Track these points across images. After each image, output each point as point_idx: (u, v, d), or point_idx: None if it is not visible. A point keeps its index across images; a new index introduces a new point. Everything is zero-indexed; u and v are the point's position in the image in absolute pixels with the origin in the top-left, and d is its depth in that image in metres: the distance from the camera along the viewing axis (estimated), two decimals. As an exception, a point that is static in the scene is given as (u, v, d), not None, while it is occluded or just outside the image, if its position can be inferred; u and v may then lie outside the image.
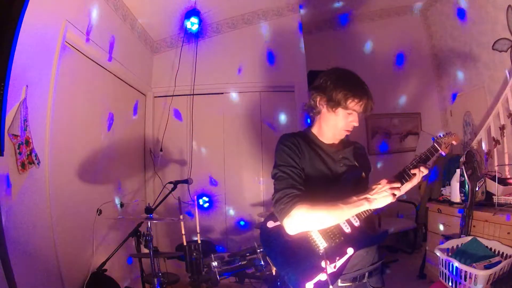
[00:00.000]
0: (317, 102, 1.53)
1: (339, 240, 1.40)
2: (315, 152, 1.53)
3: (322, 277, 1.34)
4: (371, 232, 1.46)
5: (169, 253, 3.40)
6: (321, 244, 1.40)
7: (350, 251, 1.39)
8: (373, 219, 1.58)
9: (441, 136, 1.62)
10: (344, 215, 1.35)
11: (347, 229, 1.40)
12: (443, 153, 1.60)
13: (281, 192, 1.38)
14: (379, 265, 1.53)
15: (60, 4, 2.47)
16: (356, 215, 1.40)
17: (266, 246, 1.50)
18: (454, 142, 1.62)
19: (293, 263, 1.39)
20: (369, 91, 1.52)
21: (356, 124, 1.52)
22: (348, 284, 1.44)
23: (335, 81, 1.50)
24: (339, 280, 1.41)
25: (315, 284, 1.34)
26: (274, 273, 1.49)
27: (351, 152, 1.59)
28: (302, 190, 1.39)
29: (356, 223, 1.42)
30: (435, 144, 1.58)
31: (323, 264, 1.34)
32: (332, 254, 1.38)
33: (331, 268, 1.36)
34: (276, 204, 1.38)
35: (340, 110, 1.48)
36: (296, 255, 1.39)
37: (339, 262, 1.37)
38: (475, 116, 4.44)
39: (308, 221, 1.33)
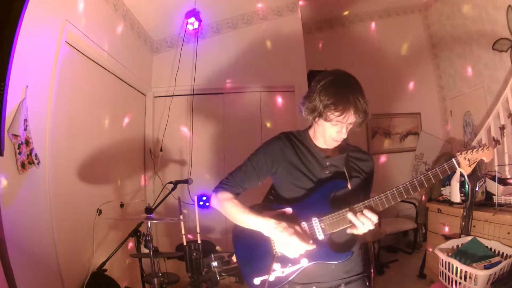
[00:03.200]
0: (302, 111, 1.47)
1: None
2: (303, 155, 1.50)
3: (270, 277, 1.39)
4: (334, 249, 1.40)
5: (169, 253, 3.40)
6: (278, 248, 1.41)
7: (303, 261, 1.39)
8: (348, 237, 1.47)
9: (466, 150, 1.33)
10: (246, 223, 1.44)
11: (310, 247, 1.35)
12: (464, 173, 1.31)
13: (228, 178, 1.56)
14: (361, 277, 1.49)
15: (60, 4, 2.47)
16: (322, 229, 1.38)
17: (234, 235, 1.58)
18: (485, 159, 1.33)
19: (249, 257, 1.49)
20: (357, 101, 1.34)
21: (343, 136, 1.42)
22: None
23: (320, 89, 1.39)
24: (313, 285, 1.43)
25: (262, 281, 1.41)
26: (235, 261, 1.58)
27: (342, 159, 1.51)
28: (241, 189, 1.55)
29: (320, 237, 1.39)
30: (453, 161, 1.34)
31: (274, 266, 1.39)
32: (286, 259, 1.40)
33: (279, 272, 1.40)
34: (220, 181, 1.57)
35: (321, 121, 1.42)
36: (254, 251, 1.47)
37: (289, 269, 1.40)
38: (475, 116, 4.45)
39: (219, 208, 1.53)
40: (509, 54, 3.71)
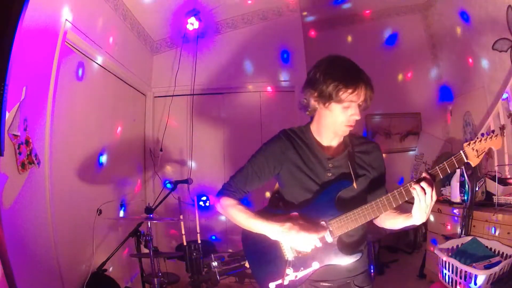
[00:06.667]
0: (309, 100, 1.41)
1: (306, 253, 1.39)
2: (305, 155, 1.45)
3: (284, 281, 1.39)
4: (344, 251, 1.38)
5: (169, 253, 3.40)
6: (288, 253, 1.42)
7: (315, 265, 1.38)
8: (358, 237, 1.46)
9: (474, 139, 1.24)
10: (252, 228, 1.43)
11: (318, 244, 1.36)
12: (472, 164, 1.24)
13: (230, 183, 1.50)
14: (365, 273, 1.49)
15: (60, 4, 2.47)
16: (330, 232, 1.36)
17: (244, 241, 1.57)
18: (493, 148, 1.26)
19: (262, 262, 1.49)
20: (365, 77, 1.36)
21: (357, 117, 1.36)
22: (329, 284, 1.44)
23: (324, 71, 1.35)
24: (321, 282, 1.43)
25: (277, 285, 1.40)
26: (247, 266, 1.58)
27: (346, 157, 1.44)
28: (243, 193, 1.50)
29: (329, 239, 1.37)
30: (461, 153, 1.24)
31: (287, 271, 1.38)
32: (298, 263, 1.40)
33: (292, 276, 1.39)
34: (222, 186, 1.53)
35: (333, 105, 1.33)
36: (266, 256, 1.47)
37: (302, 273, 1.40)
38: (475, 116, 4.44)
39: (224, 214, 1.50)
40: (509, 54, 3.70)
